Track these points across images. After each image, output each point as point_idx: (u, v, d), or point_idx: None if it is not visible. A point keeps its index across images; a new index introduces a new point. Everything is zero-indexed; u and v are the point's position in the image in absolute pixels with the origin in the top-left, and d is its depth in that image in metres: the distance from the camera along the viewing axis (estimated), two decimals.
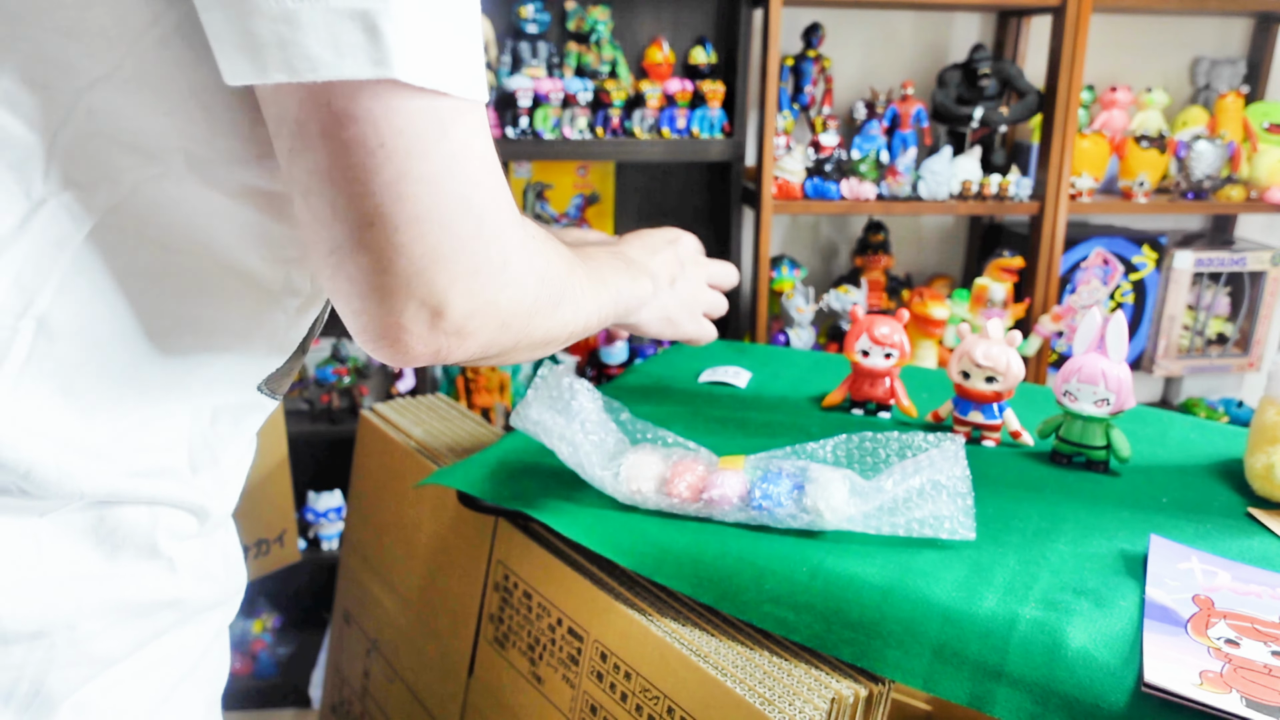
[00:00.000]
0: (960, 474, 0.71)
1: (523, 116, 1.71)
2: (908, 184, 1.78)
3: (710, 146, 1.75)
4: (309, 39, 0.36)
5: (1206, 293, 1.99)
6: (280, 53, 0.36)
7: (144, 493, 0.48)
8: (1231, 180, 1.88)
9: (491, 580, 0.84)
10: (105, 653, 0.48)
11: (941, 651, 0.61)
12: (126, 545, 0.49)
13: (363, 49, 0.37)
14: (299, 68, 0.37)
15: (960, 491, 0.70)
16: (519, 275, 0.47)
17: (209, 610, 0.56)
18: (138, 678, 0.50)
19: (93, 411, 0.45)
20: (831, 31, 1.88)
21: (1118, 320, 0.81)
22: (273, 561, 1.24)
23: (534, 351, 0.55)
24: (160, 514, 0.50)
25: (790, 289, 1.83)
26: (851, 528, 0.70)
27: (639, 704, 0.68)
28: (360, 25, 0.37)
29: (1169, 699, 0.54)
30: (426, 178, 0.41)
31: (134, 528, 0.49)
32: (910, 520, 0.69)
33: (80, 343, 0.44)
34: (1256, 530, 0.74)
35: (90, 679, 0.47)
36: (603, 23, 1.75)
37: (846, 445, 0.79)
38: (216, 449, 0.53)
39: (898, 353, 0.92)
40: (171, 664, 0.53)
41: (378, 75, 0.37)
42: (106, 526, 0.48)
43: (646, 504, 0.74)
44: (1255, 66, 2.04)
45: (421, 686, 0.93)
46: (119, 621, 0.48)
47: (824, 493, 0.70)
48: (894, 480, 0.70)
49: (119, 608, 0.48)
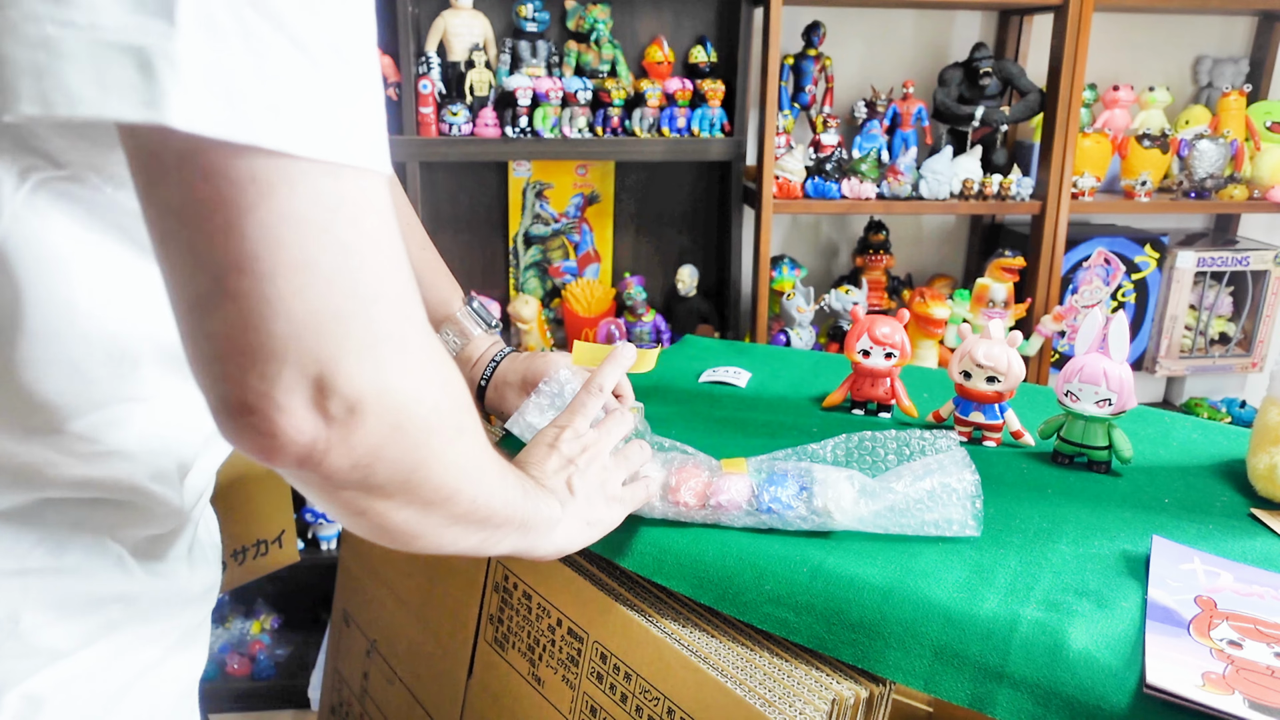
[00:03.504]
0: (970, 478, 0.71)
1: (522, 116, 1.71)
2: (908, 183, 1.77)
3: (710, 146, 1.75)
4: (69, 71, 0.32)
5: (1209, 292, 1.99)
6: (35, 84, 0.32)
7: (89, 488, 0.48)
8: (1234, 179, 1.87)
9: (491, 581, 0.84)
10: (52, 645, 0.48)
11: (942, 652, 0.61)
12: (75, 539, 0.49)
13: (133, 87, 0.32)
14: (55, 101, 0.32)
15: (971, 494, 0.70)
16: (420, 365, 0.40)
17: (171, 607, 0.56)
18: (93, 670, 0.51)
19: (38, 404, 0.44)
20: (832, 30, 1.88)
21: (1119, 320, 0.80)
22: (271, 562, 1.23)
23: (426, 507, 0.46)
24: (110, 509, 0.50)
25: (790, 289, 1.83)
26: (861, 528, 0.70)
27: (639, 705, 0.68)
28: (133, 61, 0.32)
29: (1171, 700, 0.53)
30: (312, 221, 0.35)
31: (81, 522, 0.49)
32: (922, 522, 0.69)
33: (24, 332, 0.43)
34: (1259, 531, 0.73)
35: (37, 670, 0.48)
36: (602, 22, 1.75)
37: (846, 445, 0.80)
38: (175, 447, 0.52)
39: (898, 353, 0.91)
40: (129, 659, 0.53)
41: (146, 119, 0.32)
42: (54, 520, 0.48)
43: (653, 513, 0.73)
44: (1258, 65, 2.03)
45: (421, 687, 0.93)
46: (65, 615, 0.49)
47: (832, 494, 0.70)
48: (905, 482, 0.71)
49: (65, 601, 0.49)
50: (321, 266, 0.35)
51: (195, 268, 0.35)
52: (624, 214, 1.95)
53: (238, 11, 0.33)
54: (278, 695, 1.87)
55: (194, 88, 0.32)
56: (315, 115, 0.35)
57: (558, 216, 1.91)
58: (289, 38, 0.34)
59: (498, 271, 1.95)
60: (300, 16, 0.34)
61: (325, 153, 0.35)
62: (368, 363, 0.37)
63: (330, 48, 0.36)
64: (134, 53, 0.32)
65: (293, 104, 0.34)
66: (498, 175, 1.89)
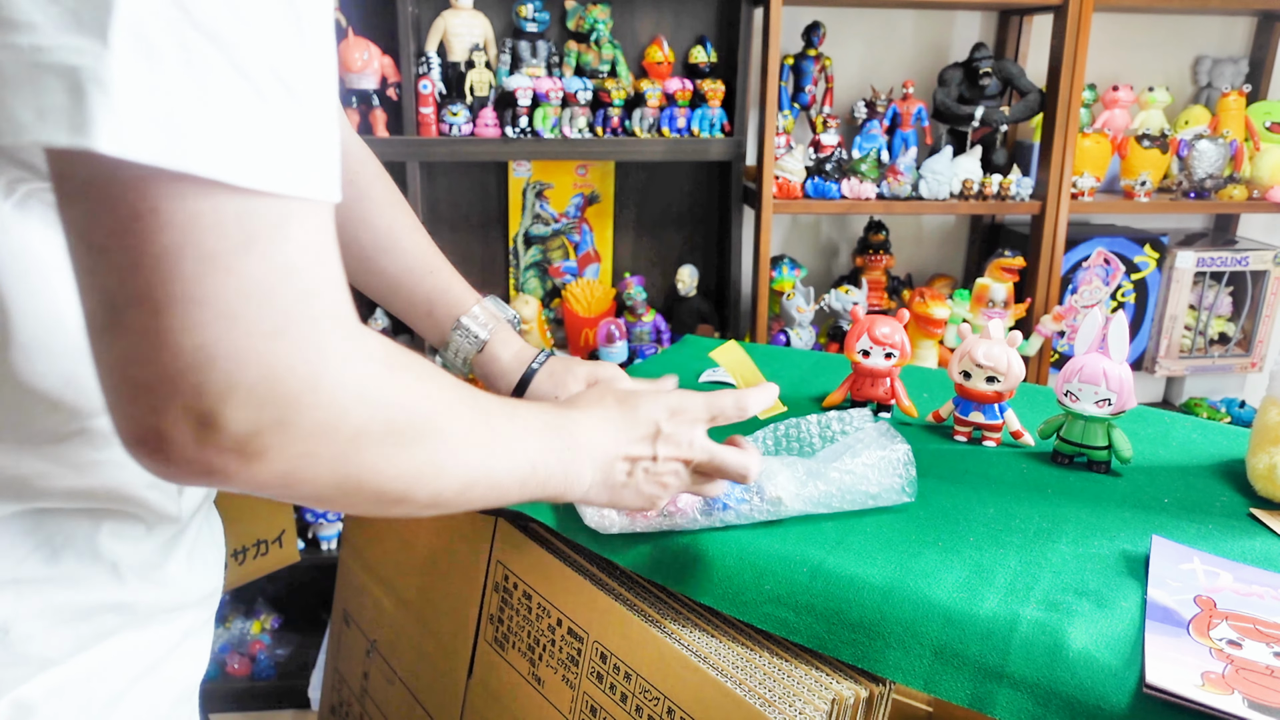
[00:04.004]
0: (901, 447, 0.76)
1: (522, 116, 1.71)
2: (908, 183, 1.78)
3: (710, 146, 1.75)
4: (10, 96, 0.31)
5: (1208, 292, 1.99)
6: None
7: (82, 498, 0.48)
8: (1233, 179, 1.87)
9: (491, 580, 0.84)
10: (42, 653, 0.48)
11: (942, 652, 0.61)
12: (68, 548, 0.48)
13: (63, 111, 0.31)
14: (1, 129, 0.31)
15: (904, 462, 0.75)
16: (334, 396, 0.38)
17: (168, 613, 0.55)
18: (85, 678, 0.50)
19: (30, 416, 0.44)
20: (832, 30, 1.88)
21: (1119, 320, 0.80)
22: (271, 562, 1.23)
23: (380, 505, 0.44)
24: (103, 518, 0.49)
25: (790, 289, 1.83)
26: (813, 510, 0.72)
27: (639, 705, 0.68)
28: (65, 84, 0.31)
29: (1171, 700, 0.53)
30: (211, 256, 0.33)
31: (75, 531, 0.48)
32: (865, 495, 0.73)
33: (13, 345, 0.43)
34: (1259, 531, 0.73)
35: (27, 678, 0.48)
36: (602, 22, 1.75)
37: (774, 434, 0.83)
38: None
39: (898, 353, 0.91)
40: (124, 664, 0.53)
41: (73, 144, 0.31)
42: (47, 529, 0.47)
43: (612, 529, 0.72)
44: (1257, 65, 2.03)
45: (421, 687, 0.93)
46: (57, 624, 0.48)
47: (777, 481, 0.72)
48: (844, 461, 0.75)
49: (57, 610, 0.48)
50: (217, 302, 0.34)
51: (94, 293, 0.34)
52: (624, 214, 1.95)
53: (176, 31, 0.32)
54: (278, 695, 1.87)
55: (122, 112, 0.31)
56: (242, 139, 0.34)
57: (558, 216, 1.91)
58: (232, 63, 0.33)
59: (498, 271, 1.95)
60: (242, 37, 0.33)
61: (252, 179, 0.34)
62: (262, 397, 0.36)
63: (273, 74, 0.34)
64: (66, 74, 0.31)
65: (222, 128, 0.33)
66: (498, 175, 1.89)
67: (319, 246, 0.37)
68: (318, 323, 0.37)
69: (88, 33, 0.31)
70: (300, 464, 0.39)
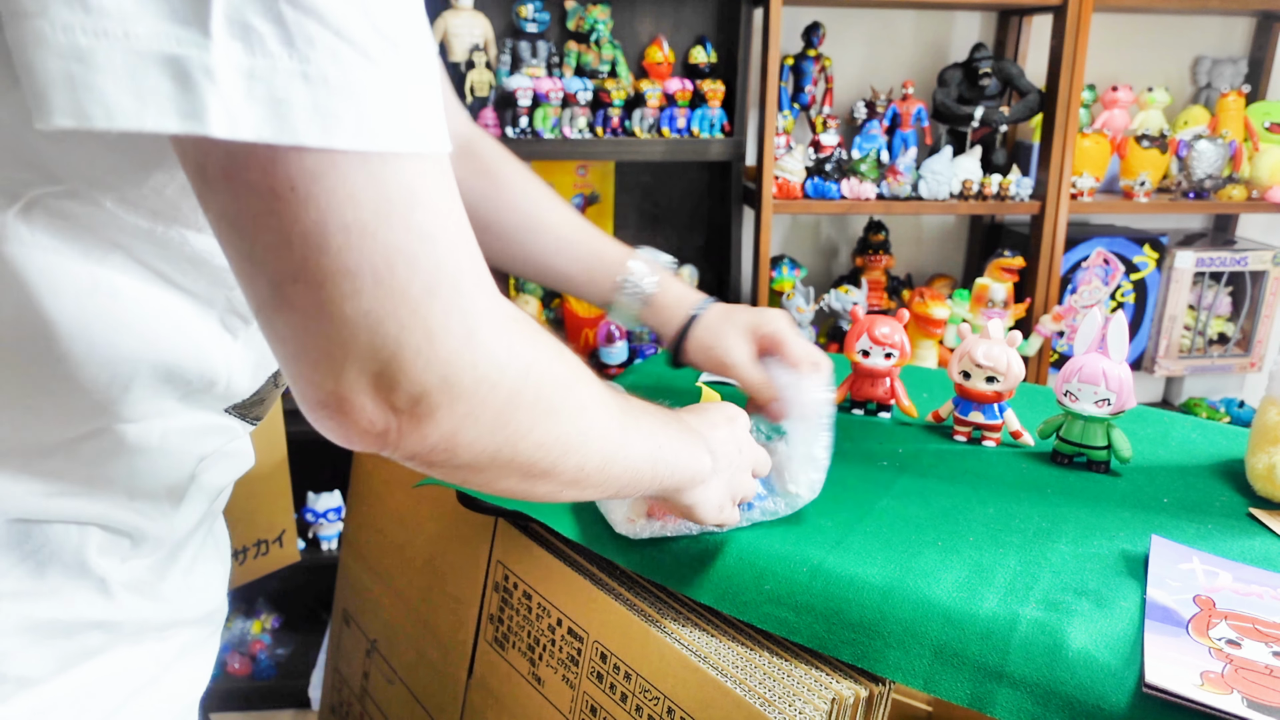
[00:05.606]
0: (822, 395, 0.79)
1: (522, 116, 1.71)
2: (908, 184, 1.78)
3: (710, 146, 1.75)
4: (105, 81, 0.31)
5: (1208, 292, 1.99)
6: (69, 95, 0.31)
7: (69, 512, 0.47)
8: (1233, 180, 1.87)
9: (491, 580, 0.84)
10: (22, 672, 0.46)
11: (942, 652, 0.61)
12: (54, 562, 0.47)
13: (170, 98, 0.32)
14: (92, 114, 0.31)
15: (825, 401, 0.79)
16: (490, 353, 0.40)
17: (161, 631, 0.54)
18: (70, 698, 0.49)
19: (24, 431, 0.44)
20: (832, 31, 1.88)
21: (1118, 320, 0.81)
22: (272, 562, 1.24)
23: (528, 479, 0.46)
24: (90, 533, 0.48)
25: (790, 289, 1.83)
26: (815, 495, 0.73)
27: (639, 704, 0.68)
28: (169, 73, 0.31)
29: (1170, 700, 0.54)
30: (354, 226, 0.35)
31: (62, 545, 0.47)
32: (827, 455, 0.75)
33: None
34: (1258, 531, 0.73)
35: (7, 698, 0.46)
36: (602, 22, 1.75)
37: None
38: (165, 470, 0.51)
39: (898, 353, 0.91)
40: (113, 685, 0.51)
41: (186, 130, 0.32)
42: (33, 543, 0.46)
43: (641, 534, 0.72)
44: (1256, 65, 2.03)
45: (421, 687, 0.93)
46: (39, 641, 0.47)
47: (795, 471, 0.73)
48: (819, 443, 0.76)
49: (37, 626, 0.47)
50: (369, 270, 0.36)
51: (254, 275, 0.36)
52: (624, 214, 1.95)
53: (273, 11, 0.32)
54: (278, 695, 1.87)
55: (232, 97, 0.32)
56: (356, 105, 0.34)
57: None
58: (332, 30, 0.33)
59: (497, 272, 1.95)
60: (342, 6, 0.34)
61: (372, 143, 0.35)
62: (429, 356, 0.38)
63: (376, 31, 0.35)
64: (170, 63, 0.32)
65: (339, 100, 0.34)
66: None
67: (448, 203, 0.38)
68: (465, 278, 0.39)
69: (185, 23, 0.32)
70: (463, 425, 0.40)
